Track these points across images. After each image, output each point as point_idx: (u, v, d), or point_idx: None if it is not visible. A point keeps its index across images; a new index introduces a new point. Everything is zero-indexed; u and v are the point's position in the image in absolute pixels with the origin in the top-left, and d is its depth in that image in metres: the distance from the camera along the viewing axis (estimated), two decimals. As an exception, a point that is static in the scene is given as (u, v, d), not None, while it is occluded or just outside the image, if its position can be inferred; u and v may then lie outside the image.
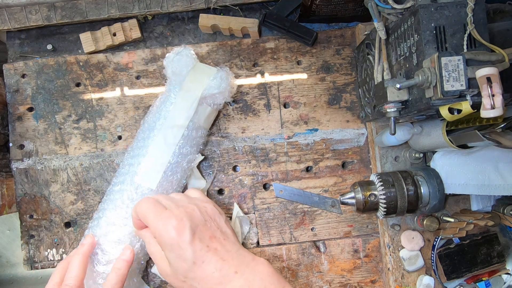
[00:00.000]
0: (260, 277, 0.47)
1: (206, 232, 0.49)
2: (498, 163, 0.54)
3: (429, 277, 0.62)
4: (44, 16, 0.66)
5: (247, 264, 0.48)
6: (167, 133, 0.58)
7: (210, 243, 0.48)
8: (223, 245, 0.49)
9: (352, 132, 0.67)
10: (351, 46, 0.67)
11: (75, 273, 0.53)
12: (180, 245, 0.46)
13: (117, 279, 0.53)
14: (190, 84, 0.59)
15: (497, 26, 0.49)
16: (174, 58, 0.59)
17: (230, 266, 0.47)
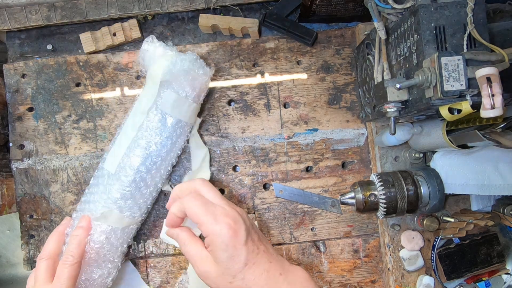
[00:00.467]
0: (300, 281, 0.49)
1: (255, 234, 0.50)
2: (498, 163, 0.54)
3: (429, 277, 0.62)
4: (44, 16, 0.66)
5: (288, 268, 0.50)
6: (133, 120, 0.58)
7: (259, 245, 0.49)
8: (267, 247, 0.50)
9: (352, 132, 0.67)
10: (351, 46, 0.67)
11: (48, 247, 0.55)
12: (235, 245, 0.47)
13: (76, 244, 0.54)
14: (152, 70, 0.58)
15: (497, 26, 0.49)
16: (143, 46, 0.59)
17: (276, 269, 0.48)
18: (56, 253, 0.55)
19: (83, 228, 0.56)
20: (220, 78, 0.67)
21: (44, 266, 0.53)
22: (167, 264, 0.65)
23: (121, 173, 0.56)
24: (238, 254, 0.46)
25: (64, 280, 0.51)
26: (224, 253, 0.47)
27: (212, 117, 0.67)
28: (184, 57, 0.57)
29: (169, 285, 0.65)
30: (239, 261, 0.47)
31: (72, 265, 0.52)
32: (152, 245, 0.66)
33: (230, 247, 0.46)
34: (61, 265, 0.53)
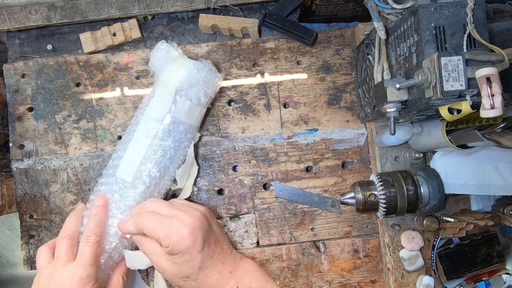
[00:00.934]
0: (247, 274, 0.54)
1: (211, 238, 0.53)
2: (498, 163, 0.54)
3: (429, 277, 0.62)
4: (44, 16, 0.66)
5: (238, 264, 0.55)
6: (146, 126, 0.58)
7: (214, 248, 0.53)
8: (222, 248, 0.55)
9: (352, 132, 0.67)
10: (351, 46, 0.67)
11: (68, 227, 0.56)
12: (191, 252, 0.50)
13: (96, 223, 0.55)
14: (167, 77, 0.58)
15: (497, 26, 0.49)
16: (154, 52, 0.59)
17: (227, 268, 0.53)
18: (76, 232, 0.56)
19: (101, 207, 0.56)
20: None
21: (65, 245, 0.53)
22: (167, 264, 0.65)
23: (137, 182, 0.57)
24: (193, 260, 0.50)
25: (88, 258, 0.52)
26: (180, 258, 0.50)
27: (212, 117, 0.67)
28: (201, 67, 0.58)
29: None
30: (193, 265, 0.51)
31: (94, 243, 0.53)
32: (152, 245, 0.66)
33: (186, 254, 0.50)
34: (83, 244, 0.53)
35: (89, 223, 0.55)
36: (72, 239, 0.54)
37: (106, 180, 0.58)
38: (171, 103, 0.57)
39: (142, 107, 0.60)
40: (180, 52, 0.60)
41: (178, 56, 0.60)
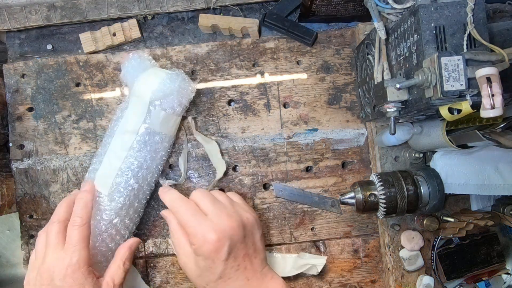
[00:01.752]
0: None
1: (241, 251, 0.51)
2: (498, 163, 0.54)
3: (429, 277, 0.62)
4: (44, 16, 0.66)
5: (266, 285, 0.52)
6: (121, 138, 0.57)
7: (242, 262, 0.51)
8: (252, 263, 0.52)
9: (352, 132, 0.67)
10: (351, 46, 0.67)
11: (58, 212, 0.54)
12: (214, 260, 0.49)
13: (81, 205, 0.53)
14: (139, 88, 0.57)
15: (497, 26, 0.49)
16: (126, 63, 0.59)
17: (251, 285, 0.51)
18: (67, 217, 0.54)
19: (87, 192, 0.55)
20: (220, 78, 0.67)
21: (55, 229, 0.52)
22: (167, 264, 0.65)
23: (115, 194, 0.57)
24: (215, 267, 0.49)
25: (75, 243, 0.50)
26: (202, 261, 0.49)
27: (212, 117, 0.67)
28: (174, 77, 0.57)
29: (169, 285, 0.65)
30: (214, 273, 0.49)
31: (81, 226, 0.51)
32: (152, 245, 0.66)
33: (209, 260, 0.49)
34: (70, 228, 0.52)
35: (75, 207, 0.54)
36: (62, 223, 0.53)
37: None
38: (145, 114, 0.57)
39: (116, 119, 0.60)
40: (152, 61, 0.60)
41: (150, 65, 0.59)
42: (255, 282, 0.51)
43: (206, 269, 0.50)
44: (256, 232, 0.54)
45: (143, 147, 0.58)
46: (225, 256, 0.49)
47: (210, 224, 0.49)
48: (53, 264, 0.50)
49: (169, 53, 0.67)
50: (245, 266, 0.51)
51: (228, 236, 0.49)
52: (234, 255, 0.50)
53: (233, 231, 0.50)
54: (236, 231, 0.50)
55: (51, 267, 0.50)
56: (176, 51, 0.67)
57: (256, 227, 0.54)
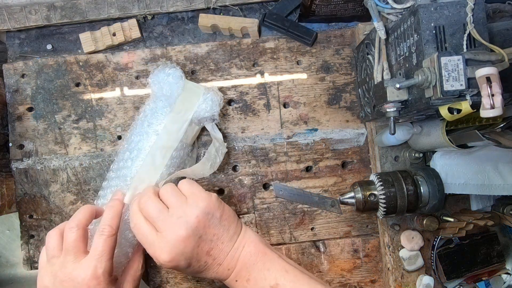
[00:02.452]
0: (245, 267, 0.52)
1: (202, 251, 0.51)
2: (498, 163, 0.54)
3: (429, 277, 0.62)
4: (43, 16, 0.66)
5: (238, 257, 0.52)
6: (156, 154, 0.57)
7: (207, 258, 0.51)
8: (220, 250, 0.52)
9: (352, 132, 0.67)
10: (350, 46, 0.67)
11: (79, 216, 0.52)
12: (180, 269, 0.51)
13: (112, 214, 0.52)
14: (180, 106, 0.59)
15: (497, 26, 0.49)
16: (162, 78, 0.59)
17: (225, 267, 0.52)
18: (86, 223, 0.51)
19: (119, 200, 0.54)
20: (220, 78, 0.67)
21: (74, 235, 0.49)
22: (167, 264, 0.65)
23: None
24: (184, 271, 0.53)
25: (102, 253, 0.48)
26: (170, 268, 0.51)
27: (212, 117, 0.67)
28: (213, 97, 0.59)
29: (169, 285, 0.65)
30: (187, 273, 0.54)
31: (110, 236, 0.50)
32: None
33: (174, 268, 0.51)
34: (98, 236, 0.49)
35: (105, 214, 0.52)
36: (81, 229, 0.50)
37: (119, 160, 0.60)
38: (184, 131, 0.59)
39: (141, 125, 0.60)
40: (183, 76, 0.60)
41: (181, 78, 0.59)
42: (226, 263, 0.52)
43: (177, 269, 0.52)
44: (213, 220, 0.51)
45: (175, 162, 0.59)
46: (185, 265, 0.50)
47: (159, 245, 0.49)
48: (75, 273, 0.48)
49: (169, 53, 0.67)
50: (213, 258, 0.51)
51: (180, 251, 0.49)
52: (196, 259, 0.50)
53: (184, 243, 0.49)
54: (187, 242, 0.49)
55: (73, 276, 0.48)
56: (176, 51, 0.67)
57: (210, 217, 0.51)
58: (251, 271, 0.51)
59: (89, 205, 0.54)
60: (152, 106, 0.60)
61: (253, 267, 0.52)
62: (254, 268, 0.52)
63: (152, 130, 0.59)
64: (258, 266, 0.52)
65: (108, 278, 0.49)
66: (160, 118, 0.59)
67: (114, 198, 0.55)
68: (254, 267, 0.52)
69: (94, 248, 0.49)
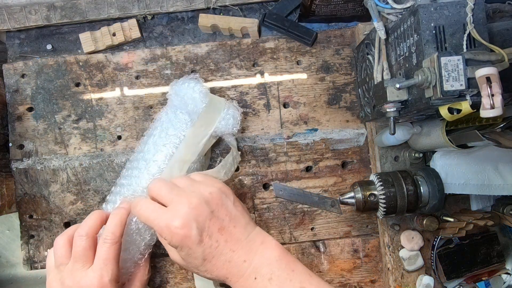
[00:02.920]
0: (268, 262, 0.47)
1: (214, 226, 0.48)
2: (498, 163, 0.54)
3: (429, 277, 0.62)
4: (43, 16, 0.66)
5: (256, 251, 0.48)
6: (174, 166, 0.57)
7: (219, 237, 0.47)
8: (232, 234, 0.48)
9: (352, 132, 0.67)
10: (350, 46, 0.67)
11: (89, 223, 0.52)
12: (189, 246, 0.46)
13: (116, 222, 0.52)
14: (202, 121, 0.58)
15: (497, 26, 0.49)
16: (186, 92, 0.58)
17: (239, 256, 0.47)
18: (96, 231, 0.52)
19: (124, 208, 0.54)
20: (219, 78, 0.67)
21: (84, 244, 0.50)
22: (166, 264, 0.65)
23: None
24: (194, 252, 0.47)
25: (106, 261, 0.49)
26: (180, 251, 0.47)
27: (211, 117, 0.67)
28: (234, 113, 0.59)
29: (169, 285, 0.65)
30: (196, 258, 0.47)
31: (114, 244, 0.50)
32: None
33: (185, 247, 0.47)
34: (101, 244, 0.50)
35: (109, 222, 0.52)
36: (91, 238, 0.51)
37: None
38: (203, 145, 0.58)
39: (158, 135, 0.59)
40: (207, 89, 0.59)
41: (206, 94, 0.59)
42: (242, 252, 0.47)
43: (187, 257, 0.47)
44: (227, 201, 0.50)
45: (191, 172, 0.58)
46: (198, 239, 0.46)
47: (170, 213, 0.47)
48: (83, 281, 0.48)
49: (169, 53, 0.67)
50: (225, 239, 0.47)
51: (192, 218, 0.46)
52: (207, 233, 0.47)
53: (197, 211, 0.47)
54: (200, 210, 0.47)
55: (81, 285, 0.48)
56: (176, 51, 0.67)
57: (224, 197, 0.50)
58: (274, 269, 0.46)
59: (98, 211, 0.54)
60: (171, 116, 0.59)
61: (276, 265, 0.47)
62: (277, 267, 0.47)
63: (169, 141, 0.58)
64: (281, 265, 0.47)
65: (115, 285, 0.49)
66: (179, 129, 0.58)
67: (120, 206, 0.55)
68: (277, 265, 0.47)
69: (98, 256, 0.50)
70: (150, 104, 0.67)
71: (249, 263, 0.47)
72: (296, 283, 0.45)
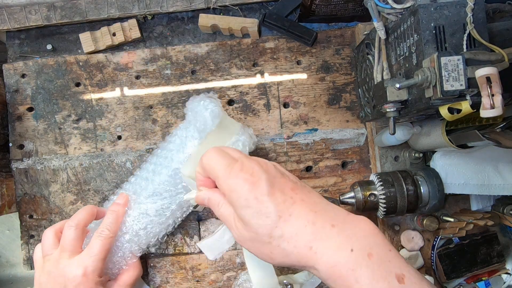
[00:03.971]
0: (363, 234, 0.37)
1: (286, 184, 0.40)
2: (498, 163, 0.54)
3: (429, 277, 0.62)
4: (43, 16, 0.66)
5: (344, 219, 0.39)
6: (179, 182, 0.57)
7: (293, 195, 0.39)
8: (309, 196, 0.40)
9: (352, 132, 0.67)
10: (350, 46, 0.67)
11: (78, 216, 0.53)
12: (257, 197, 0.38)
13: (112, 219, 0.53)
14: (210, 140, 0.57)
15: (497, 26, 0.49)
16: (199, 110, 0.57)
17: (325, 219, 0.38)
18: (85, 224, 0.54)
19: (121, 205, 0.55)
20: (219, 78, 0.67)
21: (72, 235, 0.51)
22: (167, 264, 0.65)
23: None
24: (265, 207, 0.38)
25: (96, 253, 0.50)
26: (246, 210, 0.38)
27: (212, 117, 0.67)
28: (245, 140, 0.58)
29: (169, 285, 0.65)
30: (268, 213, 0.37)
31: (107, 238, 0.52)
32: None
33: (251, 200, 0.38)
34: (95, 237, 0.52)
35: (106, 218, 0.54)
36: (80, 229, 0.52)
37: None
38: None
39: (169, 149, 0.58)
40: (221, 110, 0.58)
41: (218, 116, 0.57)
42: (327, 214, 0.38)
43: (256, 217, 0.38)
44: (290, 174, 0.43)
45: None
46: (267, 189, 0.38)
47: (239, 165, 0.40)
48: (67, 270, 0.50)
49: (169, 53, 0.67)
50: (301, 198, 0.39)
51: (261, 170, 0.40)
52: (279, 188, 0.39)
53: (266, 167, 0.41)
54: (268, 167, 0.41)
55: (65, 273, 0.50)
56: (176, 51, 0.67)
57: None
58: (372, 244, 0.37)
59: (90, 206, 0.56)
60: (183, 132, 0.59)
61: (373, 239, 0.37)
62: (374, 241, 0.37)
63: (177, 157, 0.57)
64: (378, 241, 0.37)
65: (97, 278, 0.50)
66: (187, 145, 0.58)
67: (117, 203, 0.55)
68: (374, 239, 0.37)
69: (89, 247, 0.51)
70: (150, 104, 0.67)
71: (339, 230, 0.37)
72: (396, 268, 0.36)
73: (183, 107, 0.67)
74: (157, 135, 0.67)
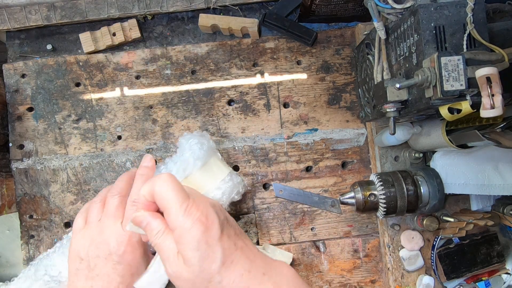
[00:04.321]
0: (286, 280, 0.43)
1: (230, 229, 0.43)
2: (498, 163, 0.54)
3: (429, 277, 0.62)
4: (43, 16, 0.66)
5: (271, 265, 0.43)
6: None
7: (236, 241, 0.43)
8: (246, 243, 0.44)
9: (352, 132, 0.67)
10: (350, 46, 0.67)
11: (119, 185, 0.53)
12: (208, 241, 0.40)
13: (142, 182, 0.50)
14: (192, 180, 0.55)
15: (497, 26, 0.49)
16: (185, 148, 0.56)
17: (258, 267, 0.42)
18: (127, 191, 0.52)
19: (149, 168, 0.53)
20: (220, 78, 0.67)
21: (116, 202, 0.50)
22: (167, 264, 0.65)
23: None
24: (213, 252, 0.40)
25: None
26: (195, 252, 0.40)
27: (212, 117, 0.67)
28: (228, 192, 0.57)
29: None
30: (214, 259, 0.40)
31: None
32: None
33: (203, 244, 0.40)
34: (130, 207, 0.50)
35: (135, 184, 0.51)
36: (123, 197, 0.51)
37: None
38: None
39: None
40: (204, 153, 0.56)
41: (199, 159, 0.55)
42: (259, 263, 0.42)
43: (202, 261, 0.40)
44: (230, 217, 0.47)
45: None
46: (219, 234, 0.40)
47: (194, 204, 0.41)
48: (112, 237, 0.48)
49: (169, 53, 0.67)
50: (241, 246, 0.43)
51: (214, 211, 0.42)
52: (226, 233, 0.42)
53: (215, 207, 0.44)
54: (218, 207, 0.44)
55: (109, 240, 0.48)
56: (176, 51, 0.67)
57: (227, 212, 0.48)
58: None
59: (128, 172, 0.55)
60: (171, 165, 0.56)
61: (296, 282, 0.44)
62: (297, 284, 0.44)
63: None
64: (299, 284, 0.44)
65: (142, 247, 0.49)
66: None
67: (144, 165, 0.53)
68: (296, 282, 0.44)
69: (126, 217, 0.49)
70: (150, 104, 0.67)
71: (268, 277, 0.42)
72: None
73: (183, 107, 0.67)
74: (157, 135, 0.67)
